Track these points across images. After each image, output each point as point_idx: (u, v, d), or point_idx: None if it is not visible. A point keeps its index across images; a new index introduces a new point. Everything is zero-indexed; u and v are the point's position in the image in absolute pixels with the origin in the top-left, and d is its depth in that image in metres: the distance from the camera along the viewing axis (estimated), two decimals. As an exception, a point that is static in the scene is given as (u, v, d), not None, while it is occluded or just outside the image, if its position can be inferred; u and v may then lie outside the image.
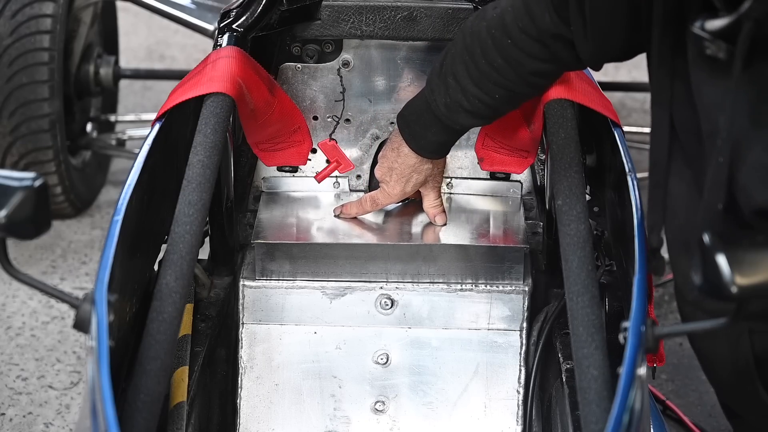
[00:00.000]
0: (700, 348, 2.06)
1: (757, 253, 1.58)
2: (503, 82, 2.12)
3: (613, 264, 2.31)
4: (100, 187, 4.12)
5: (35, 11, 3.59)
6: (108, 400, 1.62)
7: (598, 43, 1.99)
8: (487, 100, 2.16)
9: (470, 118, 2.22)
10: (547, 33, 2.03)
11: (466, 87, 2.16)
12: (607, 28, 1.96)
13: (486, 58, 2.11)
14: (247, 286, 2.41)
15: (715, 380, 2.10)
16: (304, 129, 2.60)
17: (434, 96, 2.23)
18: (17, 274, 1.71)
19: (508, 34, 2.07)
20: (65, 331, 3.38)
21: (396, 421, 2.43)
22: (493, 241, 2.44)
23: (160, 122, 2.20)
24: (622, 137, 2.24)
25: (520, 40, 2.06)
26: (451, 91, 2.19)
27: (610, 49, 2.02)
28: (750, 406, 2.04)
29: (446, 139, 2.31)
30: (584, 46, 2.00)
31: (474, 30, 2.13)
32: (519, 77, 2.11)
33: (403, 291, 2.41)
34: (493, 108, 2.20)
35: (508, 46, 2.07)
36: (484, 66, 2.12)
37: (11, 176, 1.69)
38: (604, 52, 2.03)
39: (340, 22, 2.51)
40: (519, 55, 2.07)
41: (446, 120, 2.24)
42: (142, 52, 5.20)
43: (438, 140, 2.31)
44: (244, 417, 2.42)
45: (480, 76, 2.13)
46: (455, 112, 2.21)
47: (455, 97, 2.19)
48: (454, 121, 2.24)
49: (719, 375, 2.04)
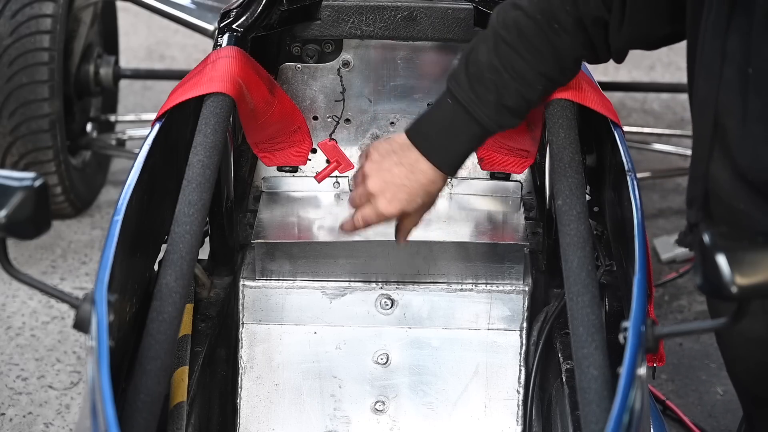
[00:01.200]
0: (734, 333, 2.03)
1: (757, 253, 1.58)
2: (546, 70, 2.05)
3: (613, 264, 2.31)
4: (100, 187, 4.12)
5: (35, 11, 3.59)
6: (108, 400, 1.62)
7: (632, 32, 1.99)
8: (529, 93, 2.07)
9: (511, 117, 2.09)
10: (589, 16, 2.01)
11: (509, 81, 2.06)
12: (645, 17, 1.97)
13: (532, 46, 2.04)
14: (247, 286, 2.41)
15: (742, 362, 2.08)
16: (304, 129, 2.60)
17: (471, 97, 2.07)
18: (17, 274, 1.71)
19: (555, 18, 2.02)
20: (65, 331, 3.38)
21: (396, 421, 2.43)
22: (492, 240, 2.44)
23: (160, 122, 2.20)
24: (622, 137, 2.24)
25: (567, 23, 2.02)
26: (492, 87, 2.06)
27: (641, 39, 2.02)
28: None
29: (473, 147, 2.14)
30: (617, 34, 2.00)
31: (509, 21, 2.05)
32: (561, 65, 2.06)
33: (403, 291, 2.41)
34: (530, 103, 2.09)
35: (555, 31, 2.03)
36: (529, 55, 2.04)
37: (11, 176, 1.69)
38: (634, 40, 2.03)
39: (340, 22, 2.51)
40: (566, 39, 2.03)
41: (488, 121, 2.08)
42: (142, 52, 5.20)
43: (465, 150, 2.13)
44: (244, 417, 2.42)
45: (525, 67, 2.05)
46: (499, 111, 2.08)
47: (498, 94, 2.06)
48: (496, 122, 2.09)
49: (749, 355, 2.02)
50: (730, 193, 1.85)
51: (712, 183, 1.88)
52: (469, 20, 2.51)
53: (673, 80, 4.57)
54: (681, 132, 4.23)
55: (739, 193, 1.84)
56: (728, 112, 1.81)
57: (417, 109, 2.61)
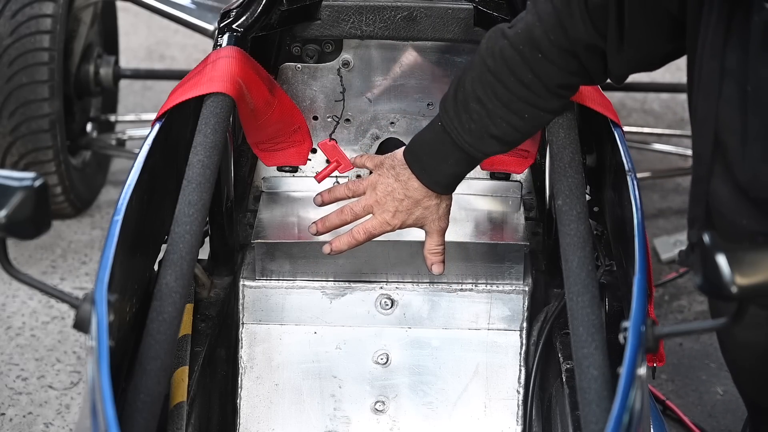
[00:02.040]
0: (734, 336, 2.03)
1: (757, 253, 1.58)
2: (533, 98, 2.06)
3: (613, 264, 2.31)
4: (100, 187, 4.12)
5: (35, 11, 3.59)
6: (108, 400, 1.62)
7: (633, 54, 1.98)
8: (515, 121, 2.09)
9: (497, 144, 2.12)
10: (580, 43, 2.00)
11: (493, 110, 2.08)
12: (645, 36, 1.96)
13: (515, 76, 2.04)
14: (247, 286, 2.41)
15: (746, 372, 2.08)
16: (304, 129, 2.60)
17: (455, 125, 2.12)
18: (17, 274, 1.71)
19: (538, 47, 2.02)
20: (65, 331, 3.38)
21: (396, 421, 2.43)
22: (492, 240, 2.44)
23: (160, 122, 2.20)
24: (622, 137, 2.24)
25: (551, 52, 2.01)
26: (476, 116, 2.09)
27: (643, 60, 2.02)
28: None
29: (463, 170, 2.20)
30: (616, 59, 1.99)
31: (495, 50, 2.06)
32: (548, 92, 2.06)
33: (403, 291, 2.41)
34: (521, 131, 2.11)
35: (538, 61, 2.02)
36: (513, 84, 2.05)
37: (11, 176, 1.69)
38: (636, 62, 2.02)
39: (340, 22, 2.51)
40: (550, 68, 2.03)
41: (470, 149, 2.13)
42: (142, 52, 5.20)
43: (454, 172, 2.19)
44: (244, 417, 2.42)
45: (509, 96, 2.06)
46: (481, 139, 2.11)
47: (482, 123, 2.09)
48: (478, 150, 2.13)
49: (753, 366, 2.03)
50: (731, 209, 1.85)
51: (714, 200, 1.87)
52: (469, 20, 2.51)
53: (673, 80, 4.57)
54: (681, 132, 4.23)
55: (740, 209, 1.83)
56: (728, 130, 1.81)
57: (417, 109, 2.61)
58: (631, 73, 2.07)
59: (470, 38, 2.53)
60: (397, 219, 2.24)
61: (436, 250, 2.29)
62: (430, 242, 2.29)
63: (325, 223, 2.30)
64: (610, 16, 1.95)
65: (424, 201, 2.22)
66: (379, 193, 2.24)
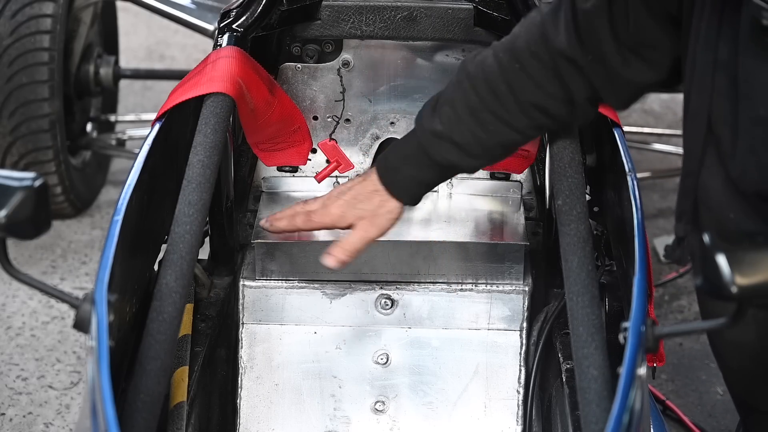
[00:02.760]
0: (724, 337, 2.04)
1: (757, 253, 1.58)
2: (501, 112, 2.01)
3: (613, 264, 2.31)
4: (100, 187, 4.12)
5: (35, 11, 3.59)
6: (108, 400, 1.62)
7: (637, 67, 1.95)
8: (479, 133, 2.03)
9: (456, 152, 2.05)
10: (561, 56, 1.95)
11: (461, 116, 2.03)
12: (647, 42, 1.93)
13: (488, 84, 2.01)
14: (247, 286, 2.41)
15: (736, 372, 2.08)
16: (304, 129, 2.60)
17: (423, 122, 2.08)
18: (17, 274, 1.71)
19: (517, 58, 1.99)
20: (65, 331, 3.38)
21: (396, 421, 2.43)
22: (493, 240, 2.44)
23: (160, 122, 2.20)
24: (622, 137, 2.24)
25: (530, 65, 1.98)
26: (444, 119, 2.05)
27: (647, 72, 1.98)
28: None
29: (420, 176, 2.10)
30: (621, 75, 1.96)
31: (478, 58, 2.04)
32: (518, 107, 2.01)
33: (403, 291, 2.41)
34: (483, 146, 2.05)
35: (515, 72, 1.99)
36: (484, 92, 2.01)
37: (11, 176, 1.69)
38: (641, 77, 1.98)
39: (340, 22, 2.51)
40: (526, 82, 1.98)
41: (430, 149, 2.07)
42: (142, 52, 5.21)
43: (411, 174, 2.10)
44: (244, 417, 2.42)
45: (479, 103, 2.02)
46: (442, 142, 2.05)
47: (447, 127, 2.05)
48: (437, 152, 2.06)
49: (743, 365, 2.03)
50: (720, 203, 1.85)
51: (702, 194, 1.87)
52: (469, 20, 2.51)
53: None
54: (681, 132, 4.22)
55: (729, 203, 1.83)
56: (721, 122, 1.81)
57: (417, 109, 2.59)
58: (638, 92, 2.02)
59: (470, 38, 2.53)
60: (338, 209, 2.16)
61: (345, 247, 2.17)
62: (348, 238, 2.16)
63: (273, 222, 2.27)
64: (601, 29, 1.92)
65: (373, 195, 2.13)
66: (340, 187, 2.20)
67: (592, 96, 2.00)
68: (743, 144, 1.78)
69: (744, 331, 1.93)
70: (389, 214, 2.15)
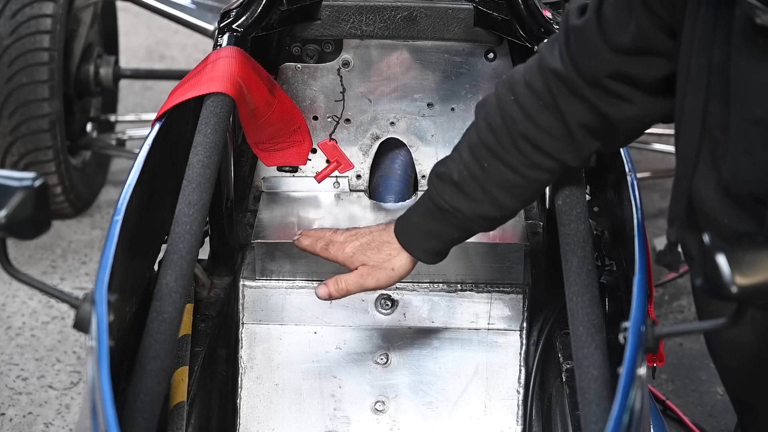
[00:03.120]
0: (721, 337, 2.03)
1: (757, 253, 1.58)
2: (495, 146, 1.98)
3: (613, 264, 2.31)
4: (100, 187, 4.13)
5: (35, 11, 3.60)
6: (108, 400, 1.62)
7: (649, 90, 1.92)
8: (475, 170, 2.00)
9: (456, 193, 2.02)
10: (554, 75, 1.93)
11: (462, 154, 2.02)
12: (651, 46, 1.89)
13: (486, 119, 1.99)
14: (247, 286, 2.41)
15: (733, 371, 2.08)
16: (304, 129, 2.60)
17: (434, 167, 2.08)
18: (17, 274, 1.71)
19: (512, 89, 1.97)
20: (65, 331, 3.38)
21: (396, 421, 2.43)
22: (493, 240, 2.44)
23: (160, 122, 2.20)
24: (622, 137, 2.23)
25: (522, 95, 1.96)
26: (448, 159, 2.04)
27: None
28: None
29: (427, 225, 2.07)
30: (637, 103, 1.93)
31: (486, 97, 2.03)
32: (511, 140, 1.96)
33: (403, 291, 2.41)
34: (481, 186, 2.01)
35: (509, 103, 1.97)
36: (482, 128, 1.99)
37: (11, 176, 1.69)
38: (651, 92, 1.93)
39: (340, 22, 2.51)
40: (517, 113, 1.96)
41: (433, 191, 2.05)
42: (142, 52, 5.21)
43: (419, 223, 2.08)
44: (244, 417, 2.42)
45: (477, 138, 2.00)
46: (443, 183, 2.03)
47: (449, 166, 2.03)
48: (438, 194, 2.04)
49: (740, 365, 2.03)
50: (713, 207, 1.84)
51: (696, 198, 1.87)
52: (469, 20, 2.51)
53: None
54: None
55: (723, 207, 1.83)
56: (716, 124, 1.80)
57: (417, 109, 2.61)
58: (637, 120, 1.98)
59: (470, 38, 2.53)
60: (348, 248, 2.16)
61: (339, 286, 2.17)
62: (345, 277, 2.16)
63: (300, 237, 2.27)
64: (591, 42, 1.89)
65: (384, 246, 2.13)
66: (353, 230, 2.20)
67: (587, 123, 1.96)
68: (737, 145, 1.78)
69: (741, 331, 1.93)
70: (393, 272, 2.13)
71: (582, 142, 1.98)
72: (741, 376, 2.06)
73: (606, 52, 1.89)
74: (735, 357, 2.03)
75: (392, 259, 2.13)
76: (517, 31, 2.45)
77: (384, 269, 2.13)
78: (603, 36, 1.89)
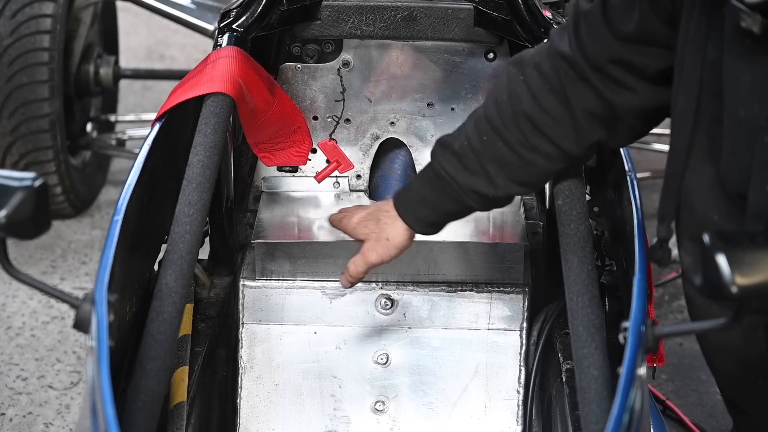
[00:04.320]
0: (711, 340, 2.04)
1: (757, 253, 1.58)
2: (497, 121, 2.00)
3: (613, 264, 2.31)
4: (100, 187, 4.13)
5: (35, 11, 3.59)
6: (108, 400, 1.62)
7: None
8: (475, 142, 2.02)
9: (455, 162, 2.05)
10: (563, 58, 1.94)
11: (466, 126, 2.05)
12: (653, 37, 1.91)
13: (494, 95, 2.02)
14: (247, 286, 2.41)
15: (723, 374, 2.09)
16: (304, 129, 2.60)
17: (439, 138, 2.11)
18: (17, 274, 1.71)
19: (521, 68, 1.99)
20: (65, 331, 3.38)
21: (396, 421, 2.43)
22: (493, 240, 2.44)
23: (160, 122, 2.20)
24: (622, 137, 2.23)
25: (530, 75, 1.98)
26: (454, 132, 2.08)
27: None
28: (758, 401, 2.04)
29: (424, 192, 2.10)
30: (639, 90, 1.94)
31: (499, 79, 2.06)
32: (513, 117, 1.99)
33: (403, 291, 2.41)
34: (478, 158, 2.02)
35: (518, 82, 1.99)
36: (489, 103, 2.02)
37: (11, 176, 1.69)
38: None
39: (340, 22, 2.51)
40: (524, 91, 1.98)
41: (433, 159, 2.08)
42: (142, 52, 5.21)
43: (416, 189, 2.12)
44: (244, 417, 2.42)
45: (482, 113, 2.03)
46: (445, 152, 2.06)
47: (453, 136, 2.07)
48: (438, 161, 2.07)
49: (729, 368, 2.03)
50: (703, 204, 1.84)
51: (686, 195, 1.87)
52: (469, 20, 2.51)
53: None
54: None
55: (713, 205, 1.83)
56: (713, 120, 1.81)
57: (417, 109, 2.61)
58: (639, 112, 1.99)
59: (470, 38, 2.53)
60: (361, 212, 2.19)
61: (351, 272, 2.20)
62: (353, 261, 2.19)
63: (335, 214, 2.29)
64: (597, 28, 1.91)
65: (382, 215, 2.15)
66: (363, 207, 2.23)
67: (591, 109, 1.97)
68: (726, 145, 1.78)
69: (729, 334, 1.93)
70: (388, 242, 2.15)
71: (584, 129, 1.98)
72: (731, 380, 2.07)
73: (610, 39, 1.91)
74: (724, 360, 2.03)
75: (387, 228, 2.14)
76: (517, 31, 2.46)
77: (380, 240, 2.15)
78: (608, 23, 1.90)
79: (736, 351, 1.97)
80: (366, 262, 2.18)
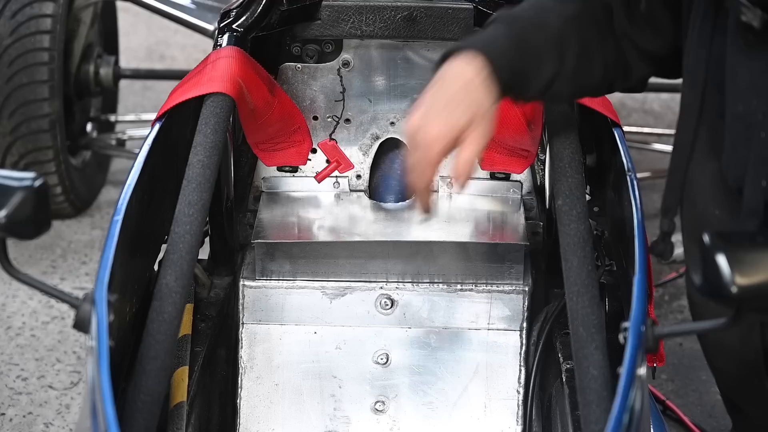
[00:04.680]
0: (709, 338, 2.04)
1: (757, 253, 1.58)
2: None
3: (613, 264, 2.31)
4: (100, 187, 4.13)
5: (35, 11, 3.60)
6: (108, 400, 1.62)
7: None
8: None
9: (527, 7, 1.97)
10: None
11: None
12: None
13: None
14: (247, 286, 2.41)
15: (720, 372, 2.09)
16: (304, 129, 2.60)
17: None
18: (17, 274, 1.71)
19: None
20: (65, 331, 3.38)
21: (396, 421, 2.43)
22: (493, 240, 2.44)
23: (160, 122, 2.20)
24: (622, 137, 2.24)
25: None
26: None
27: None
28: (755, 400, 2.04)
29: (505, 34, 1.89)
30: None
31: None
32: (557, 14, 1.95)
33: (403, 291, 2.41)
34: (542, 12, 1.95)
35: None
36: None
37: (11, 176, 1.69)
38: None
39: (340, 22, 2.51)
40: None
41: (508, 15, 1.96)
42: (142, 52, 5.21)
43: (497, 34, 1.88)
44: (244, 417, 2.42)
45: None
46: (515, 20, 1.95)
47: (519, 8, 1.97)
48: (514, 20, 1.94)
49: (726, 367, 2.04)
50: (705, 198, 1.85)
51: (689, 189, 1.87)
52: (469, 20, 2.51)
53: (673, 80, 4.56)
54: (681, 132, 4.23)
55: (715, 199, 1.83)
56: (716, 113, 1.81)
57: (417, 109, 2.61)
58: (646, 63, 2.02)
59: (470, 38, 2.52)
60: (440, 123, 1.86)
61: (466, 159, 1.85)
62: (466, 150, 1.85)
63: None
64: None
65: (469, 83, 1.85)
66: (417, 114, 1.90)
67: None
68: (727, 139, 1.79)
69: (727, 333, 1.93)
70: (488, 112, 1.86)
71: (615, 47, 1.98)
72: (729, 379, 2.07)
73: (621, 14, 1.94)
74: (722, 359, 2.04)
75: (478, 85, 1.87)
76: (517, 31, 2.45)
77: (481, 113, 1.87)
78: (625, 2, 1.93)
79: (733, 349, 1.97)
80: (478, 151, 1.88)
